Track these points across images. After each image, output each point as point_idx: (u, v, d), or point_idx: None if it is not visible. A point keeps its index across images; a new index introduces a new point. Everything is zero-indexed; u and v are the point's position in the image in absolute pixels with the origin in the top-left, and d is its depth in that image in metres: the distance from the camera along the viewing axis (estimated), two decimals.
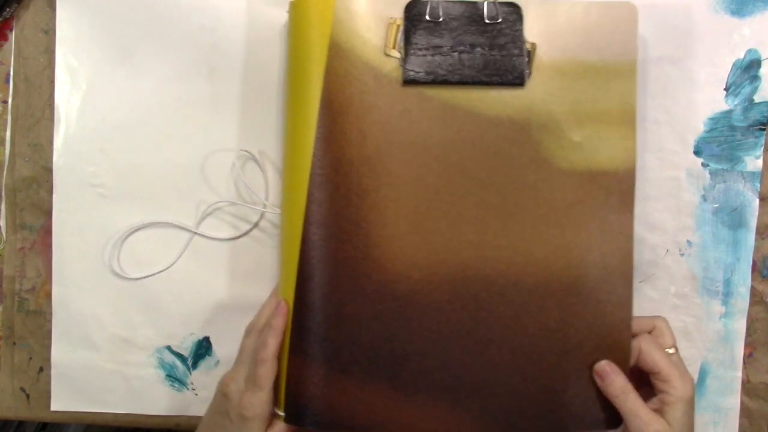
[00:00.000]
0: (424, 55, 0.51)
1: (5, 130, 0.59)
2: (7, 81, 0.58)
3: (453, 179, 0.51)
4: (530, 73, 0.51)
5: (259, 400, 0.49)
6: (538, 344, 0.51)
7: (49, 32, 0.57)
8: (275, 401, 0.51)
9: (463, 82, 0.51)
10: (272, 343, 0.50)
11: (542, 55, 0.51)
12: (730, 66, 0.55)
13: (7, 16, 0.57)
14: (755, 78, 0.55)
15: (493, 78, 0.51)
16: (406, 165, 0.51)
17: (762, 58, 0.54)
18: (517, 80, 0.50)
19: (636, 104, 0.51)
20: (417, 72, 0.51)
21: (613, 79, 0.51)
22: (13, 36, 0.58)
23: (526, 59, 0.51)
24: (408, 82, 0.51)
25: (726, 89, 0.55)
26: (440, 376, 0.51)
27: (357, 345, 0.51)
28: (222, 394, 0.51)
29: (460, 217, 0.51)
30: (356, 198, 0.51)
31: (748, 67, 0.55)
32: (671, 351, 0.50)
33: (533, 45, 0.51)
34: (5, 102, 0.59)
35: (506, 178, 0.51)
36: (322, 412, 0.51)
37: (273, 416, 0.51)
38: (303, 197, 0.51)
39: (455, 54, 0.51)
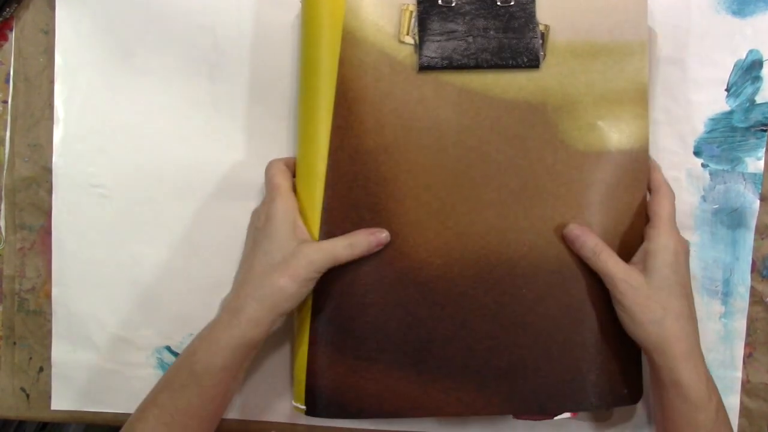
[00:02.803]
0: (439, 41, 0.50)
1: (5, 131, 0.59)
2: (7, 81, 0.58)
3: (472, 164, 0.51)
4: (545, 56, 0.51)
5: (279, 198, 0.50)
6: (562, 325, 0.51)
7: (49, 32, 0.57)
8: (293, 395, 0.52)
9: (478, 66, 0.51)
10: (277, 160, 0.52)
11: (556, 37, 0.51)
12: (732, 66, 0.55)
13: (7, 16, 0.57)
14: (757, 79, 0.55)
15: (508, 61, 0.51)
16: (424, 152, 0.51)
17: (763, 59, 0.54)
18: (533, 63, 0.51)
19: (648, 83, 0.51)
20: (432, 58, 0.50)
21: (625, 58, 0.51)
22: (13, 36, 0.58)
23: (540, 41, 0.51)
24: (423, 68, 0.50)
25: (727, 90, 0.55)
26: (466, 360, 0.51)
27: (382, 333, 0.51)
28: (250, 218, 0.53)
29: (480, 201, 0.51)
30: (375, 186, 0.51)
31: (750, 68, 0.55)
32: None
33: (546, 27, 0.51)
34: (5, 102, 0.59)
35: (524, 161, 0.51)
36: (347, 401, 0.51)
37: (307, 236, 0.51)
38: (320, 187, 0.51)
39: (469, 38, 0.51)
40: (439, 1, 0.51)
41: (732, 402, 0.57)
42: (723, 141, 0.55)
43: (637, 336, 0.48)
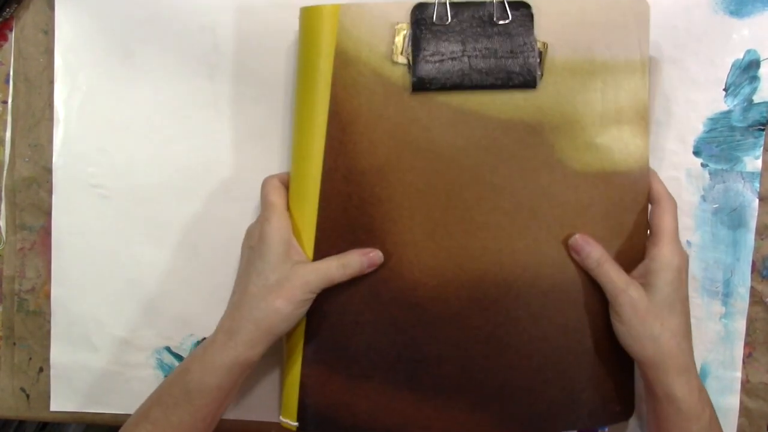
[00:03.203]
0: (433, 61, 0.49)
1: (5, 131, 0.59)
2: (7, 81, 0.58)
3: (467, 185, 0.50)
4: (542, 74, 0.50)
5: (273, 218, 0.50)
6: (557, 346, 0.51)
7: (49, 32, 0.57)
8: (282, 410, 0.52)
9: (473, 87, 0.50)
10: (273, 177, 0.52)
11: (554, 55, 0.50)
12: (730, 66, 0.55)
13: (7, 16, 0.57)
14: (754, 78, 0.55)
15: (505, 81, 0.49)
16: (419, 172, 0.50)
17: (761, 59, 0.55)
18: (530, 82, 0.49)
19: (648, 102, 0.51)
20: (425, 78, 0.49)
21: (625, 77, 0.50)
22: (13, 36, 0.58)
23: (538, 60, 0.49)
24: (417, 88, 0.49)
25: (725, 89, 0.55)
26: (459, 380, 0.51)
27: (375, 351, 0.51)
28: (244, 237, 0.53)
29: (475, 222, 0.51)
30: (370, 207, 0.50)
31: (748, 68, 0.55)
32: None
33: (545, 45, 0.50)
34: (5, 102, 0.59)
35: (520, 182, 0.50)
36: (340, 419, 0.51)
37: (301, 257, 0.51)
38: (314, 207, 0.50)
39: (464, 58, 0.49)
40: (433, 20, 0.49)
41: (732, 402, 0.57)
42: (722, 141, 0.55)
43: (633, 349, 0.48)
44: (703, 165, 0.56)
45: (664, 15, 0.55)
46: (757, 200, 0.56)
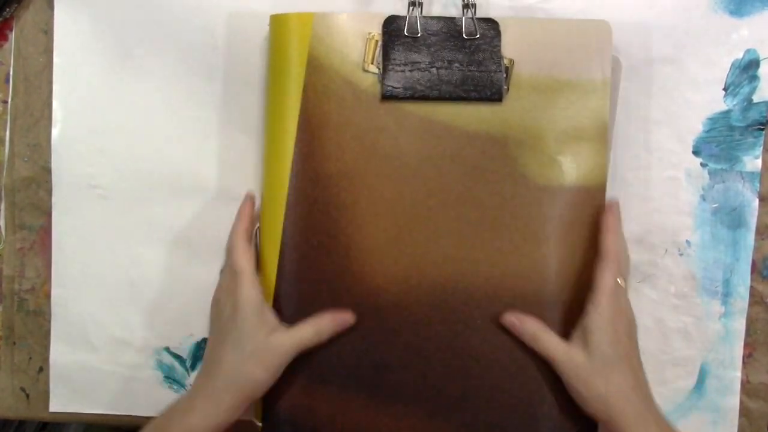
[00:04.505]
0: (403, 71, 0.51)
1: (5, 130, 0.59)
2: (7, 81, 0.58)
3: (431, 193, 0.52)
4: (508, 89, 0.51)
5: (244, 286, 0.50)
6: (516, 357, 0.51)
7: (49, 32, 0.57)
8: (254, 413, 0.53)
9: (441, 98, 0.51)
10: (239, 226, 0.53)
11: (520, 71, 0.51)
12: (729, 66, 0.55)
13: (7, 16, 0.58)
14: (754, 78, 0.55)
15: (471, 93, 0.51)
16: (385, 179, 0.51)
17: (761, 58, 0.55)
18: (495, 96, 0.51)
19: (609, 121, 0.52)
20: (395, 87, 0.51)
21: (587, 96, 0.51)
22: (13, 36, 0.58)
23: (504, 75, 0.51)
24: (386, 97, 0.51)
25: (725, 89, 0.55)
26: (419, 387, 0.52)
27: (336, 356, 0.52)
28: (213, 303, 0.54)
29: (439, 231, 0.52)
30: (335, 212, 0.52)
31: (747, 67, 0.55)
32: (620, 281, 0.50)
33: (511, 61, 0.52)
34: (5, 102, 0.59)
35: (484, 193, 0.52)
36: (300, 421, 0.52)
37: (275, 324, 0.51)
38: (281, 211, 0.52)
39: (433, 69, 0.51)
40: (405, 32, 0.51)
41: (732, 402, 0.57)
42: (722, 140, 0.55)
43: (586, 410, 0.48)
44: (702, 165, 0.56)
45: (664, 15, 0.55)
46: (756, 200, 0.55)
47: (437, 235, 0.52)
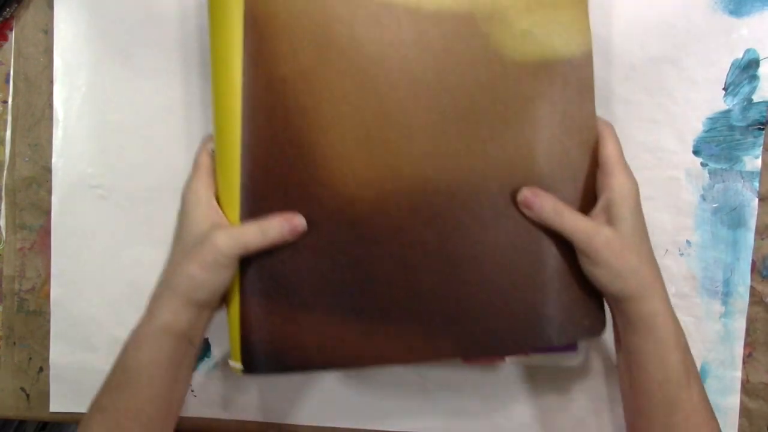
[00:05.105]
0: None
1: (5, 130, 0.59)
2: (7, 81, 0.59)
3: (396, 85, 0.47)
4: None
5: (194, 179, 0.48)
6: (511, 256, 0.47)
7: (49, 32, 0.58)
8: (231, 352, 0.49)
9: None
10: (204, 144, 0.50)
11: None
12: (729, 65, 0.55)
13: (7, 16, 0.58)
14: (754, 77, 0.55)
15: None
16: (345, 75, 0.46)
17: (760, 58, 0.54)
18: None
19: None
20: None
21: None
22: (13, 36, 0.58)
23: None
24: None
25: (724, 89, 0.55)
26: (410, 302, 0.48)
27: (316, 277, 0.47)
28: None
29: (411, 126, 0.47)
30: (295, 117, 0.47)
31: (747, 67, 0.55)
32: None
33: None
34: (5, 102, 0.59)
35: (457, 79, 0.47)
36: (284, 355, 0.48)
37: (221, 221, 0.47)
38: (237, 123, 0.47)
39: None
40: None
41: (732, 402, 0.57)
42: (722, 140, 0.55)
43: (615, 287, 0.45)
44: (702, 164, 0.56)
45: (664, 14, 0.55)
46: (756, 199, 0.55)
47: (410, 130, 0.47)
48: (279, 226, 0.46)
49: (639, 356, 0.46)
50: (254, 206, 0.47)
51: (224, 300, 0.48)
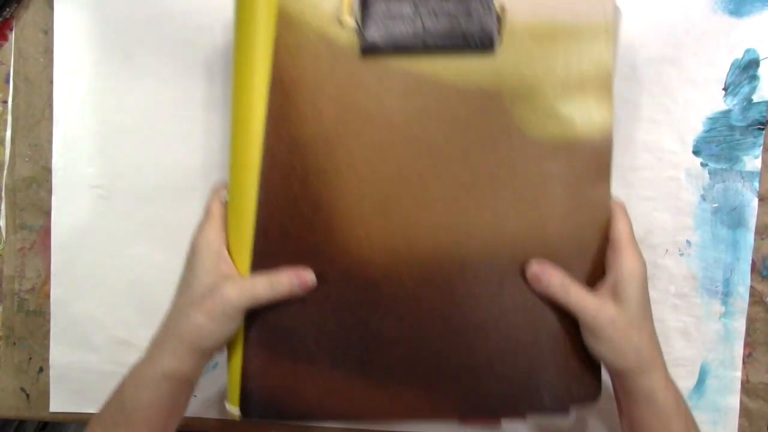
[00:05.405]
0: (383, 21, 0.46)
1: (5, 130, 0.59)
2: (7, 81, 0.59)
3: (419, 156, 0.48)
4: (501, 38, 0.47)
5: (206, 228, 0.48)
6: (515, 324, 0.49)
7: (49, 32, 0.58)
8: (228, 396, 0.49)
9: (427, 50, 0.47)
10: (215, 192, 0.50)
11: (513, 18, 0.47)
12: (729, 65, 0.55)
13: (7, 16, 0.58)
14: (754, 78, 0.55)
15: (461, 44, 0.47)
16: (368, 142, 0.47)
17: (760, 58, 0.55)
18: (487, 46, 0.47)
19: (612, 68, 0.48)
20: (375, 40, 0.46)
21: (588, 41, 0.47)
22: (13, 36, 0.58)
23: (496, 23, 0.47)
24: (366, 51, 0.47)
25: (724, 89, 0.55)
26: (414, 362, 0.49)
27: (324, 333, 0.48)
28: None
29: (429, 196, 0.48)
30: (315, 179, 0.47)
31: (747, 67, 0.55)
32: None
33: (503, 7, 0.47)
34: (5, 102, 0.59)
35: (477, 152, 0.48)
36: (285, 405, 0.49)
37: (231, 272, 0.48)
38: (254, 177, 0.47)
39: (417, 19, 0.47)
40: None
41: (732, 402, 0.57)
42: (722, 140, 0.55)
43: (615, 362, 0.47)
44: (702, 164, 0.56)
45: (664, 15, 0.55)
46: (756, 199, 0.56)
47: (428, 200, 0.48)
48: (289, 280, 0.47)
49: (641, 425, 0.47)
50: (265, 259, 0.48)
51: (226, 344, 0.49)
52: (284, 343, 0.48)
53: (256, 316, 0.48)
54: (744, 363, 0.57)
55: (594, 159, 0.48)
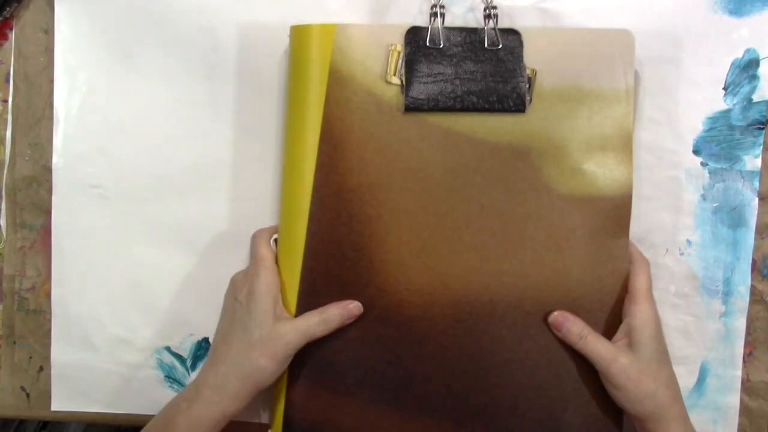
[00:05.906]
0: (425, 82, 0.51)
1: (5, 130, 0.59)
2: (7, 80, 0.58)
3: (455, 205, 0.52)
4: (531, 100, 0.51)
5: (264, 272, 0.51)
6: (540, 365, 0.52)
7: (49, 32, 0.57)
8: (271, 424, 0.54)
9: (464, 109, 0.51)
10: (262, 231, 0.54)
11: (542, 81, 0.51)
12: (729, 65, 0.55)
13: (7, 16, 0.58)
14: (754, 77, 0.55)
15: (495, 105, 0.51)
16: (408, 192, 0.51)
17: (760, 58, 0.55)
18: (519, 107, 0.51)
19: (633, 130, 0.52)
20: (418, 99, 0.51)
21: (611, 105, 0.51)
22: (13, 36, 0.58)
23: (527, 86, 0.51)
24: (409, 109, 0.51)
25: (724, 88, 0.55)
26: (444, 399, 0.52)
27: (361, 368, 0.52)
28: (228, 287, 0.54)
29: (462, 243, 0.52)
30: (358, 225, 0.51)
31: (747, 67, 0.55)
32: None
33: (534, 71, 0.51)
34: (5, 101, 0.59)
35: (507, 204, 0.52)
36: (324, 431, 0.52)
37: (283, 314, 0.52)
38: (303, 224, 0.51)
39: (456, 81, 0.51)
40: (427, 43, 0.51)
41: (732, 401, 0.57)
42: (722, 139, 0.55)
43: (633, 409, 0.49)
44: (702, 164, 0.56)
45: (664, 15, 0.55)
46: (756, 199, 0.56)
47: (460, 247, 0.52)
48: (339, 314, 0.51)
49: None
50: (311, 298, 0.52)
51: None
52: (326, 378, 0.52)
53: (302, 354, 0.51)
54: (744, 362, 0.57)
55: (614, 213, 0.52)
